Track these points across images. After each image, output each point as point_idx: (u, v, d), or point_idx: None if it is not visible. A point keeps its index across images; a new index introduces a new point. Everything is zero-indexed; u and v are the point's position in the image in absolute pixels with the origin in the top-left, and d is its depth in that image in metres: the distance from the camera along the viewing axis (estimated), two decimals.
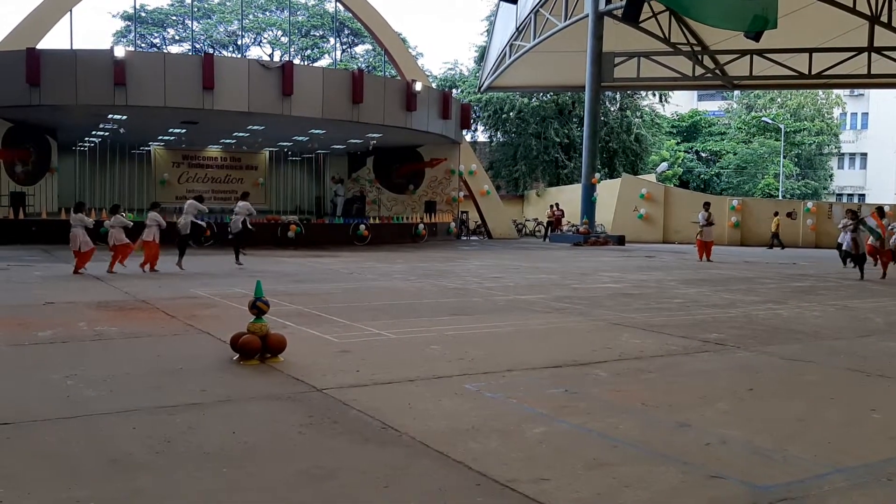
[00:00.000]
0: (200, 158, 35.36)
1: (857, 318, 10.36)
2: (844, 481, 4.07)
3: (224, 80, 23.11)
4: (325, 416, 5.16)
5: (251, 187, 35.71)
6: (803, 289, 14.32)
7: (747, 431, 4.95)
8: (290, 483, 3.96)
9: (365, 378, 6.26)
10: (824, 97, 58.60)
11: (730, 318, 10.21)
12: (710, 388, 6.22)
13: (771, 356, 7.56)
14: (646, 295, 12.82)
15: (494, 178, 41.97)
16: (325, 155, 36.92)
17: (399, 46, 35.99)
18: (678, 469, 4.23)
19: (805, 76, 31.04)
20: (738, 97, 61.32)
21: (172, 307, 10.20)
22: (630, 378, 6.53)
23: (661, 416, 5.33)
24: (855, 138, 65.26)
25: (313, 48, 57.30)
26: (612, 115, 45.00)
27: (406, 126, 27.13)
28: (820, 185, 58.30)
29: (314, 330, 8.53)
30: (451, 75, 50.72)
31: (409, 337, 8.27)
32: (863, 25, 28.78)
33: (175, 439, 4.63)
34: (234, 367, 6.64)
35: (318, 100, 24.65)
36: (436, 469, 4.20)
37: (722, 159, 55.15)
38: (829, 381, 6.61)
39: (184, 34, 55.96)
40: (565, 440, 4.75)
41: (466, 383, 6.15)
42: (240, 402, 5.54)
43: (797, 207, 33.94)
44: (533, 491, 3.86)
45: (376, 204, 34.54)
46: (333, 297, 11.77)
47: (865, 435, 4.95)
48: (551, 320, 9.79)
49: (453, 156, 32.80)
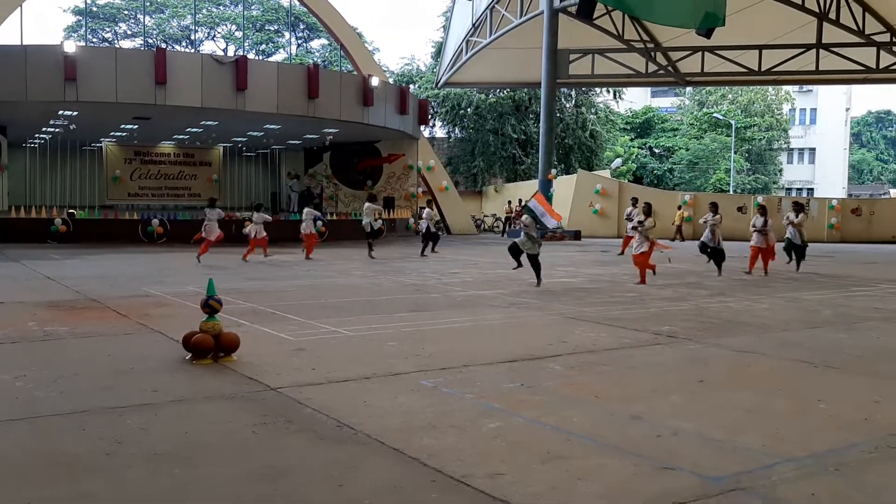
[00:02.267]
0: (153, 155, 34.79)
1: (805, 311, 10.60)
2: (792, 471, 4.16)
3: (177, 76, 22.74)
4: (279, 415, 5.12)
5: (205, 184, 35.35)
6: (753, 282, 14.60)
7: (698, 423, 5.04)
8: (243, 483, 3.93)
9: (320, 376, 6.22)
10: (774, 93, 59.85)
11: (681, 310, 10.37)
12: (662, 380, 6.32)
13: (721, 348, 7.70)
14: (600, 289, 12.96)
15: (453, 174, 42.01)
16: (280, 150, 36.58)
17: (355, 41, 35.79)
18: (630, 461, 4.29)
19: (755, 73, 31.59)
20: (691, 94, 62.30)
21: (124, 306, 10.02)
22: (584, 371, 6.60)
23: (614, 408, 5.40)
24: (804, 134, 66.78)
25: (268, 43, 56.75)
26: (567, 112, 45.35)
27: (363, 121, 27.00)
28: (770, 179, 59.58)
29: (269, 328, 8.46)
30: (408, 71, 50.62)
31: (366, 334, 8.24)
32: (811, 22, 29.40)
33: (126, 440, 4.55)
34: (187, 367, 6.55)
35: (273, 95, 24.40)
36: (391, 466, 4.20)
37: (675, 155, 55.95)
38: (778, 372, 6.75)
39: (136, 29, 54.97)
40: (520, 434, 4.78)
41: (423, 380, 6.15)
42: (192, 402, 5.47)
43: (747, 202, 34.57)
44: (488, 486, 3.88)
45: (333, 200, 34.34)
46: (289, 295, 11.67)
47: (813, 425, 5.07)
48: (508, 315, 9.84)
49: (411, 151, 32.75)
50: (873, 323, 9.51)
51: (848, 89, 64.48)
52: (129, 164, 34.28)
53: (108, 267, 15.95)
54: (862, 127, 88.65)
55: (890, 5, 29.63)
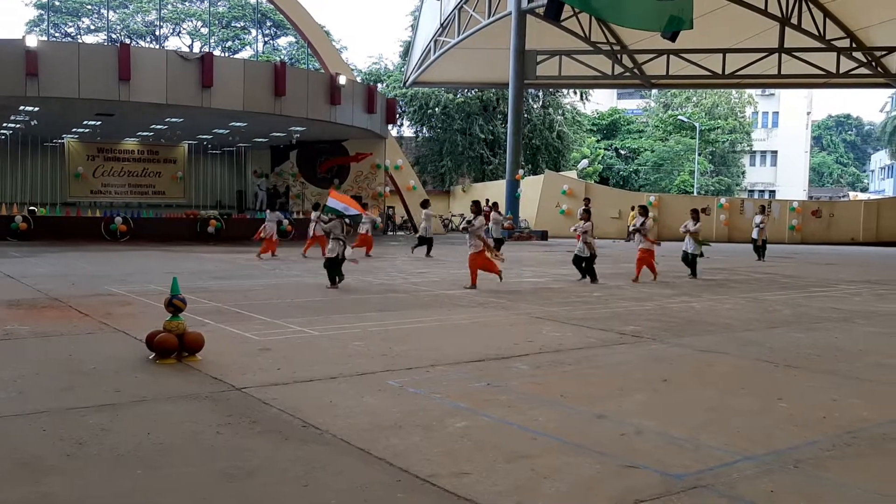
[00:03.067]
0: (116, 151, 34.27)
1: (766, 311, 10.78)
2: (753, 468, 4.23)
3: (141, 72, 22.44)
4: (243, 415, 5.08)
5: (169, 181, 34.92)
6: (716, 282, 14.80)
7: (661, 421, 5.10)
8: (206, 484, 3.89)
9: (286, 376, 6.19)
10: (737, 97, 60.76)
11: (646, 310, 10.48)
12: (627, 379, 6.38)
13: (685, 348, 7.80)
14: (566, 289, 13.05)
15: (420, 174, 42.01)
16: (246, 148, 36.27)
17: (322, 39, 35.61)
18: (595, 459, 4.33)
19: (719, 76, 32.07)
20: (656, 96, 63.02)
21: (86, 305, 9.87)
22: (550, 371, 6.64)
23: (579, 407, 5.44)
24: (766, 136, 67.90)
25: (234, 40, 56.24)
26: (535, 113, 45.59)
27: (330, 120, 26.89)
28: (733, 181, 60.47)
29: (234, 328, 8.39)
30: (376, 69, 50.52)
31: (333, 334, 8.21)
32: (773, 27, 29.91)
33: (87, 441, 4.49)
34: (150, 367, 6.48)
35: (239, 92, 24.20)
36: (356, 466, 4.19)
37: (640, 156, 56.53)
38: (740, 371, 6.85)
39: (99, 24, 54.15)
40: (486, 433, 4.80)
41: (390, 379, 6.15)
42: (155, 402, 5.40)
43: (711, 203, 35.05)
44: (453, 485, 3.89)
45: (300, 198, 34.14)
46: (254, 294, 11.59)
47: (773, 423, 5.16)
48: (475, 315, 9.87)
49: (379, 150, 32.69)
50: (832, 323, 9.70)
51: (809, 93, 65.70)
52: (91, 161, 33.73)
53: (69, 265, 15.70)
54: (822, 130, 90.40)
55: (850, 11, 30.28)
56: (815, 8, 30.08)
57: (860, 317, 10.29)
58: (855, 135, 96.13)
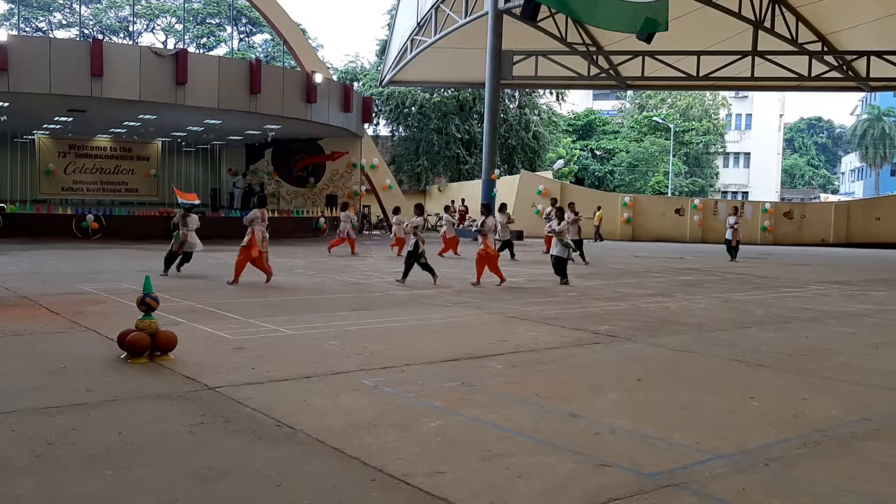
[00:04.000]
0: (88, 148, 33.81)
1: (739, 311, 10.89)
2: (724, 467, 4.28)
3: (114, 68, 22.16)
4: (217, 415, 5.04)
5: (142, 179, 34.55)
6: (690, 282, 14.94)
7: (635, 420, 5.13)
8: (178, 484, 3.85)
9: (260, 375, 6.15)
10: (711, 99, 61.34)
11: (620, 310, 10.55)
12: (601, 378, 6.42)
13: (658, 347, 7.86)
14: (541, 289, 13.09)
15: (396, 173, 41.93)
16: (221, 146, 35.97)
17: (298, 37, 35.42)
18: (569, 458, 4.35)
19: (693, 78, 32.29)
20: (631, 97, 63.41)
21: (57, 303, 9.74)
22: (525, 370, 6.66)
23: (553, 406, 5.46)
24: (739, 138, 68.60)
25: (209, 36, 55.75)
26: (511, 113, 45.69)
27: (306, 118, 26.75)
28: (707, 182, 61.04)
29: (208, 326, 8.32)
30: (352, 68, 50.32)
31: (307, 333, 8.17)
32: (747, 30, 30.19)
33: (57, 441, 4.43)
34: (122, 366, 6.40)
35: (214, 89, 23.98)
36: (331, 466, 4.18)
37: (615, 157, 56.86)
38: (712, 370, 6.92)
39: (71, 19, 53.42)
40: (461, 433, 4.80)
41: (364, 378, 6.13)
42: (127, 401, 5.35)
43: (685, 204, 35.34)
44: (428, 484, 3.89)
45: (275, 197, 33.94)
46: (228, 293, 11.51)
47: (744, 422, 5.21)
48: (450, 314, 9.87)
49: (355, 149, 32.57)
50: (802, 323, 9.83)
51: (782, 96, 66.44)
52: (63, 158, 33.25)
53: (40, 263, 15.48)
54: (794, 133, 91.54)
55: (821, 15, 30.65)
56: (787, 12, 30.42)
57: (830, 317, 10.43)
58: (826, 137, 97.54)
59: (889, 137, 67.53)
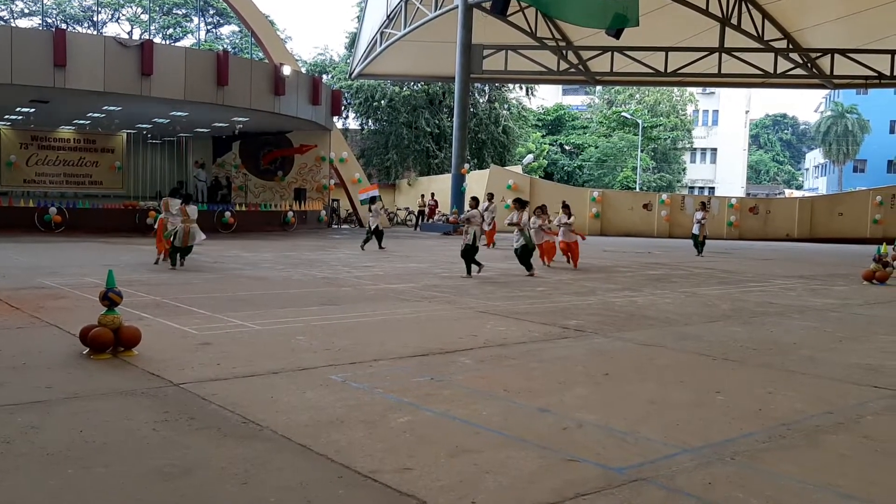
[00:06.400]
0: (51, 140, 33.18)
1: (705, 305, 11.00)
2: (691, 461, 4.30)
3: (77, 58, 21.76)
4: (181, 411, 4.97)
5: (107, 171, 34.01)
6: (657, 277, 15.05)
7: (603, 415, 5.15)
8: (141, 482, 3.78)
9: (226, 371, 6.07)
10: (679, 95, 61.94)
11: (588, 305, 10.60)
12: (569, 373, 6.44)
13: (626, 342, 7.90)
14: (510, 283, 13.12)
15: (366, 167, 41.75)
16: (188, 138, 35.52)
17: (267, 29, 35.06)
18: (537, 453, 4.34)
19: (661, 74, 32.59)
20: (600, 93, 63.80)
21: (17, 298, 9.54)
22: (493, 365, 6.66)
23: (522, 401, 5.46)
24: (706, 134, 69.39)
25: (176, 27, 54.98)
26: (481, 107, 45.69)
27: (274, 111, 26.49)
28: (674, 178, 61.66)
29: (173, 322, 8.20)
30: (321, 61, 49.98)
31: (275, 328, 8.09)
32: (715, 27, 30.52)
33: (15, 440, 4.33)
34: (84, 362, 6.29)
35: (181, 81, 23.65)
36: (297, 463, 4.13)
37: (584, 152, 57.19)
38: (679, 364, 6.97)
39: (34, 7, 52.32)
40: (429, 428, 4.78)
41: (332, 374, 6.08)
42: (89, 398, 5.24)
43: (652, 199, 35.63)
44: (395, 481, 3.86)
45: (243, 190, 33.62)
46: (195, 287, 11.36)
47: (710, 416, 5.25)
48: (419, 309, 9.84)
49: (324, 142, 32.37)
50: (768, 317, 9.95)
51: (748, 92, 67.30)
52: (25, 150, 32.59)
53: (1, 257, 15.17)
54: (760, 129, 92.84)
55: (787, 13, 31.08)
56: (754, 9, 30.79)
57: (795, 311, 10.57)
58: (791, 134, 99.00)
59: (852, 134, 68.69)
